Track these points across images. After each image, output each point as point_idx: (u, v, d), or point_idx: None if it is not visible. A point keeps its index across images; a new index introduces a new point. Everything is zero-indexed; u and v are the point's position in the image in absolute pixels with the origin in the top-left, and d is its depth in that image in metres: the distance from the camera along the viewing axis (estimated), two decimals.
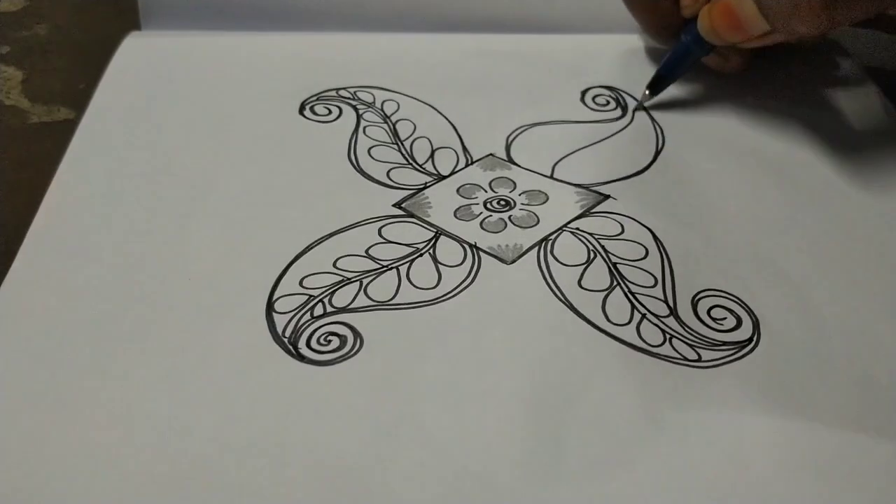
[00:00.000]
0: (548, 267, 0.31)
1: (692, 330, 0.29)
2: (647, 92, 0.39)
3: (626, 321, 0.29)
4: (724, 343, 0.28)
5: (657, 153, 0.37)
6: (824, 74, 0.41)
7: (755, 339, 0.29)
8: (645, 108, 0.39)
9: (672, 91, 0.40)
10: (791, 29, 0.33)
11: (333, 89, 0.40)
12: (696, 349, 0.28)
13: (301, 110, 0.39)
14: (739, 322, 0.29)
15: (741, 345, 0.28)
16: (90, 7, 0.49)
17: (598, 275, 0.31)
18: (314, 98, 0.39)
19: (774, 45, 0.36)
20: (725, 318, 0.29)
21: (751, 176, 0.35)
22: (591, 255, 0.31)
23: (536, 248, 0.32)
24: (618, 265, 0.31)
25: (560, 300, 0.29)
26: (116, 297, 0.29)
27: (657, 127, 0.38)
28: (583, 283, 0.30)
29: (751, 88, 0.40)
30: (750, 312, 0.29)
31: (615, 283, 0.30)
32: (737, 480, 0.24)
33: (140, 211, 0.33)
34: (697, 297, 0.30)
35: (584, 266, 0.31)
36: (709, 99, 0.40)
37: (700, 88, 0.41)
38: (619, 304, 0.29)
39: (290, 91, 0.39)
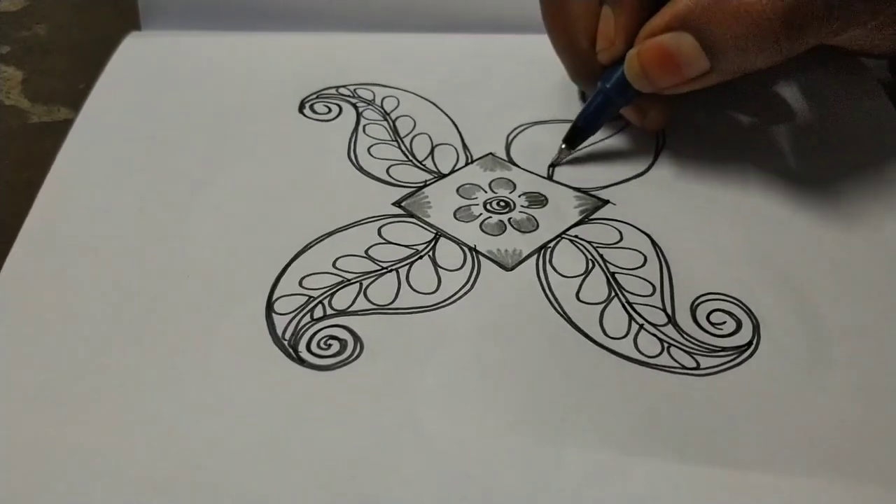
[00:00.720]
0: (546, 277, 0.31)
1: (691, 337, 0.29)
2: (563, 146, 0.36)
3: (624, 334, 0.29)
4: (724, 349, 0.28)
5: (657, 153, 0.37)
6: (826, 74, 0.41)
7: (755, 342, 0.28)
8: (559, 165, 0.36)
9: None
10: (742, 62, 0.30)
11: (333, 87, 0.40)
12: (695, 357, 0.28)
13: (301, 109, 0.39)
14: (739, 325, 0.29)
15: (740, 349, 0.28)
16: (90, 7, 0.49)
17: (596, 286, 0.30)
18: (314, 96, 0.39)
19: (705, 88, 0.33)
20: (725, 322, 0.29)
21: (750, 177, 0.35)
22: (590, 265, 0.31)
23: (536, 256, 0.32)
24: (616, 275, 0.31)
25: (558, 312, 0.29)
26: (113, 297, 0.29)
27: None
28: (581, 295, 0.30)
29: (752, 89, 0.40)
30: (750, 315, 0.29)
31: (613, 294, 0.30)
32: (735, 488, 0.24)
33: (138, 209, 0.33)
34: (697, 302, 0.30)
35: (582, 277, 0.31)
36: (709, 98, 0.40)
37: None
38: (616, 317, 0.29)
39: (290, 90, 0.39)
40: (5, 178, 0.37)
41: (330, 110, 0.39)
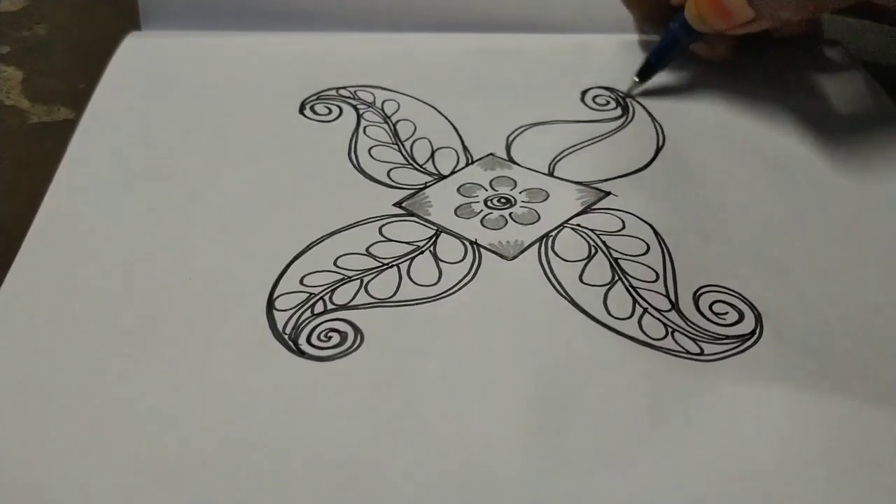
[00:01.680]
0: (548, 262, 0.31)
1: (694, 324, 0.29)
2: (636, 79, 0.40)
3: (628, 315, 0.29)
4: (727, 337, 0.28)
5: (658, 150, 0.37)
6: (825, 70, 0.41)
7: (758, 332, 0.28)
8: (632, 97, 0.40)
9: (672, 87, 0.40)
10: (776, 15, 0.35)
11: (334, 88, 0.40)
12: (699, 342, 0.28)
13: (301, 110, 0.39)
14: (742, 316, 0.29)
15: (744, 338, 0.28)
16: (90, 7, 0.49)
17: (599, 270, 0.30)
18: (314, 97, 0.39)
19: (761, 32, 0.37)
20: (727, 313, 0.29)
21: (752, 170, 0.35)
22: (592, 251, 0.31)
23: (537, 245, 0.32)
24: (619, 260, 0.31)
25: (561, 295, 0.29)
26: (117, 296, 0.29)
27: (657, 125, 0.38)
28: (584, 277, 0.30)
29: (752, 84, 0.40)
30: (752, 307, 0.29)
31: (616, 277, 0.30)
32: (739, 473, 0.24)
33: (140, 210, 0.33)
34: (699, 292, 0.30)
35: (584, 261, 0.31)
36: (710, 96, 0.40)
37: (701, 85, 0.41)
38: (620, 299, 0.29)
39: (291, 90, 0.40)
40: (5, 178, 0.37)
41: (330, 111, 0.39)
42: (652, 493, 0.24)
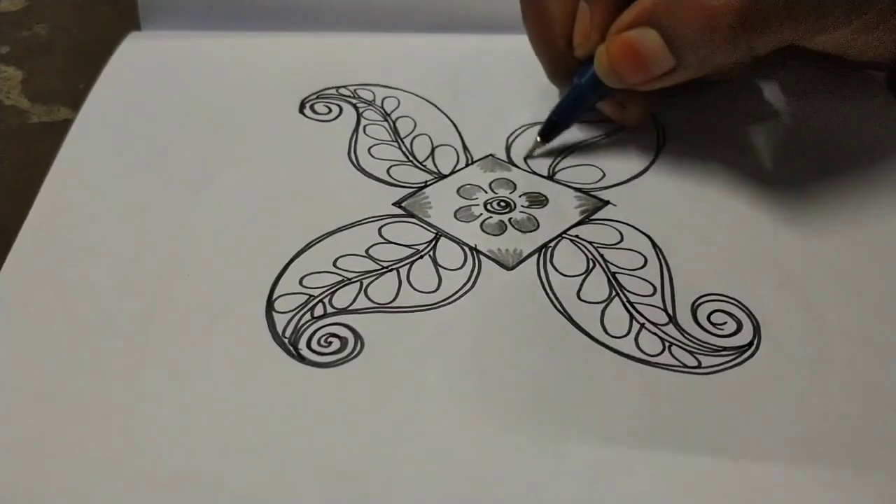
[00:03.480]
0: (547, 276, 0.31)
1: (692, 336, 0.29)
2: (538, 139, 0.36)
3: (625, 332, 0.29)
4: (725, 349, 0.28)
5: (658, 151, 0.37)
6: (827, 74, 0.41)
7: (756, 343, 0.28)
8: (532, 158, 0.36)
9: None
10: (704, 59, 0.30)
11: (333, 87, 0.40)
12: (696, 356, 0.28)
13: (301, 109, 0.39)
14: (740, 326, 0.29)
15: (741, 349, 0.28)
16: (90, 7, 0.49)
17: (597, 285, 0.30)
18: (314, 96, 0.39)
19: (682, 85, 0.33)
20: (725, 323, 0.29)
21: (751, 178, 0.35)
22: (591, 265, 0.31)
23: (536, 255, 0.31)
24: (616, 275, 0.31)
25: (559, 311, 0.29)
26: (113, 297, 0.29)
27: (658, 125, 0.38)
28: (581, 294, 0.30)
29: (752, 89, 0.40)
30: (750, 316, 0.29)
31: (614, 293, 0.30)
32: (737, 486, 0.24)
33: (138, 209, 0.33)
34: (697, 303, 0.30)
35: (583, 276, 0.31)
36: (711, 96, 0.40)
37: (701, 84, 0.40)
38: (617, 316, 0.29)
39: (290, 90, 0.40)
40: (5, 178, 0.37)
41: (330, 110, 0.39)
42: None
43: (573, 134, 0.37)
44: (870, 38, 0.34)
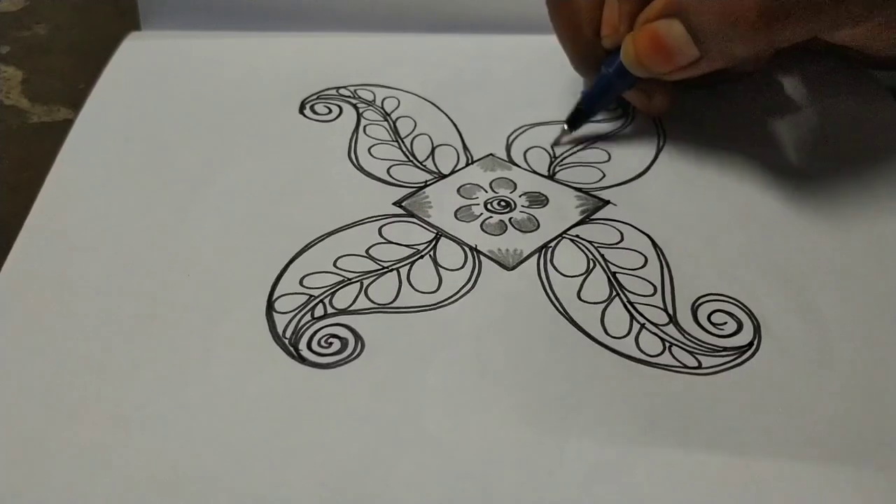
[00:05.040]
0: (547, 277, 0.31)
1: (692, 337, 0.29)
2: (565, 127, 0.37)
3: (625, 333, 0.29)
4: (725, 349, 0.28)
5: (658, 152, 0.37)
6: (828, 75, 0.41)
7: (756, 343, 0.28)
8: (559, 144, 0.37)
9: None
10: (727, 50, 0.31)
11: (334, 88, 0.40)
12: (696, 356, 0.28)
13: (301, 109, 0.39)
14: (740, 326, 0.29)
15: (741, 350, 0.28)
16: (90, 7, 0.49)
17: (598, 285, 0.30)
18: (314, 97, 0.39)
19: (706, 76, 0.34)
20: (726, 323, 0.29)
21: (751, 177, 0.35)
22: (591, 265, 0.31)
23: (536, 255, 0.31)
24: (617, 274, 0.31)
25: (559, 312, 0.29)
26: (114, 297, 0.29)
27: (658, 125, 0.38)
28: (582, 294, 0.30)
29: (753, 89, 0.40)
30: (751, 316, 0.29)
31: (614, 293, 0.30)
32: (737, 486, 0.24)
33: (138, 209, 0.33)
34: (697, 303, 0.30)
35: (583, 276, 0.31)
36: (711, 96, 0.40)
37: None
38: (617, 316, 0.29)
39: (291, 90, 0.40)
40: (5, 178, 0.37)
41: (330, 111, 0.39)
42: None
43: (576, 135, 0.37)
44: (893, 34, 0.34)
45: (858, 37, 0.34)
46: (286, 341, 0.28)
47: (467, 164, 0.36)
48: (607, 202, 0.34)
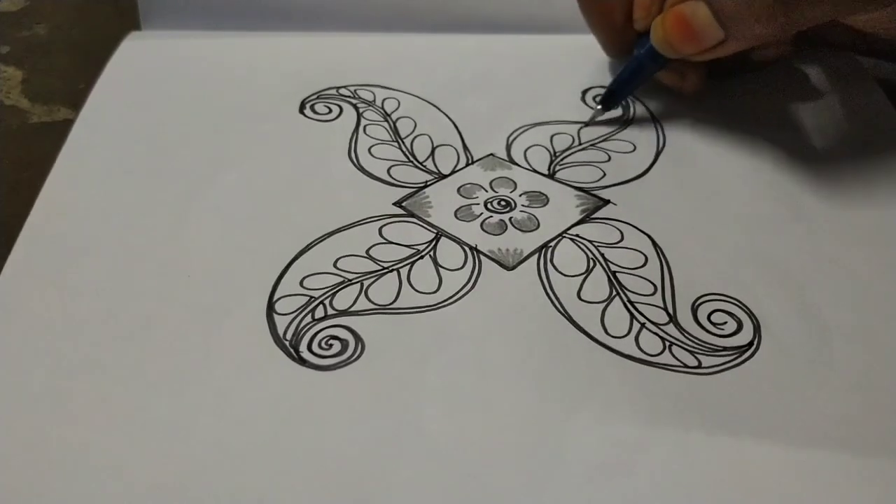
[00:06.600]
0: (548, 276, 0.31)
1: (692, 336, 0.29)
2: (599, 107, 0.38)
3: (625, 333, 0.29)
4: (725, 348, 0.28)
5: (658, 152, 0.37)
6: (828, 76, 0.41)
7: (756, 342, 0.29)
8: (593, 124, 0.38)
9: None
10: (747, 32, 0.32)
11: (334, 87, 0.40)
12: (696, 355, 0.28)
13: (301, 109, 0.39)
14: (740, 326, 0.29)
15: (741, 349, 0.28)
16: (90, 7, 0.49)
17: (598, 285, 0.30)
18: (314, 97, 0.39)
19: (734, 57, 0.35)
20: (726, 323, 0.29)
21: (750, 177, 0.35)
22: (591, 264, 0.31)
23: (536, 255, 0.32)
24: (617, 274, 0.31)
25: (560, 311, 0.29)
26: (114, 297, 0.29)
27: (658, 125, 0.38)
28: (582, 294, 0.30)
29: (751, 89, 0.40)
30: (751, 315, 0.29)
31: (614, 293, 0.30)
32: (737, 486, 0.24)
33: (138, 209, 0.33)
34: (698, 303, 0.30)
35: (583, 276, 0.31)
36: (711, 97, 0.40)
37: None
38: (617, 315, 0.29)
39: (291, 90, 0.40)
40: (5, 178, 0.37)
41: (330, 111, 0.39)
42: None
43: (576, 135, 0.37)
44: None
45: (877, 22, 0.35)
46: (286, 343, 0.28)
47: (467, 164, 0.36)
48: (607, 201, 0.34)
